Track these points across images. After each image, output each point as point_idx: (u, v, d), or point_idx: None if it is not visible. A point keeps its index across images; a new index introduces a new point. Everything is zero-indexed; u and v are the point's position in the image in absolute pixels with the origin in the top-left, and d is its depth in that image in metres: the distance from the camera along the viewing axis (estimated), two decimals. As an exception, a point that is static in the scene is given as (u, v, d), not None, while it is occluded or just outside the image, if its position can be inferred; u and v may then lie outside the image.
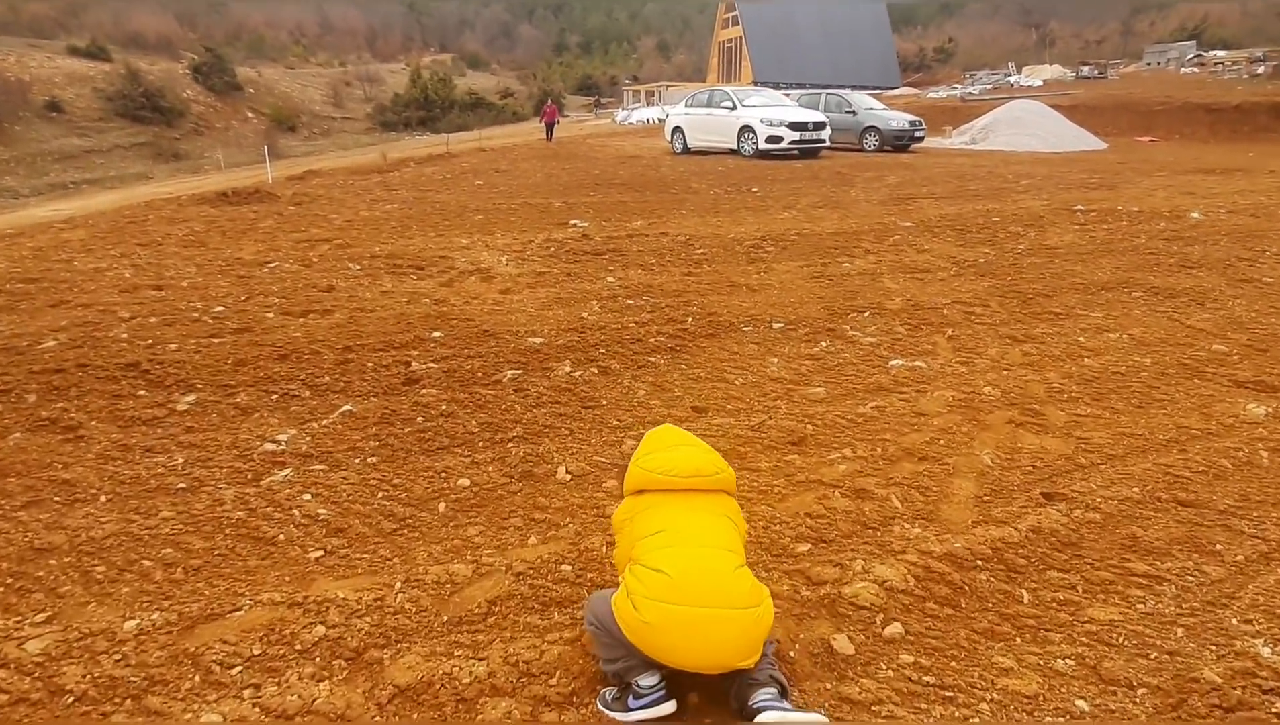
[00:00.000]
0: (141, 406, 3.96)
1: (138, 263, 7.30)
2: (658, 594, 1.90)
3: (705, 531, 2.06)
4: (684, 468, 2.15)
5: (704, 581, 1.93)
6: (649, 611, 1.89)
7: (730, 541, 2.07)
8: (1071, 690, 2.07)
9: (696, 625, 1.87)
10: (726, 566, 1.98)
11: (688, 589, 1.90)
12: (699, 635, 1.87)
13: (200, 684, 2.09)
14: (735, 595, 1.93)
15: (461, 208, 11.20)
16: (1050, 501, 3.09)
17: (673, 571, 1.92)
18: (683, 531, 2.04)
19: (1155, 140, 24.51)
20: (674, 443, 2.26)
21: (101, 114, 47.37)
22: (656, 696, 1.94)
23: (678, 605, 1.88)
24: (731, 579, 1.96)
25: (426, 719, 1.97)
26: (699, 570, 1.95)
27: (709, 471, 2.17)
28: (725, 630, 1.88)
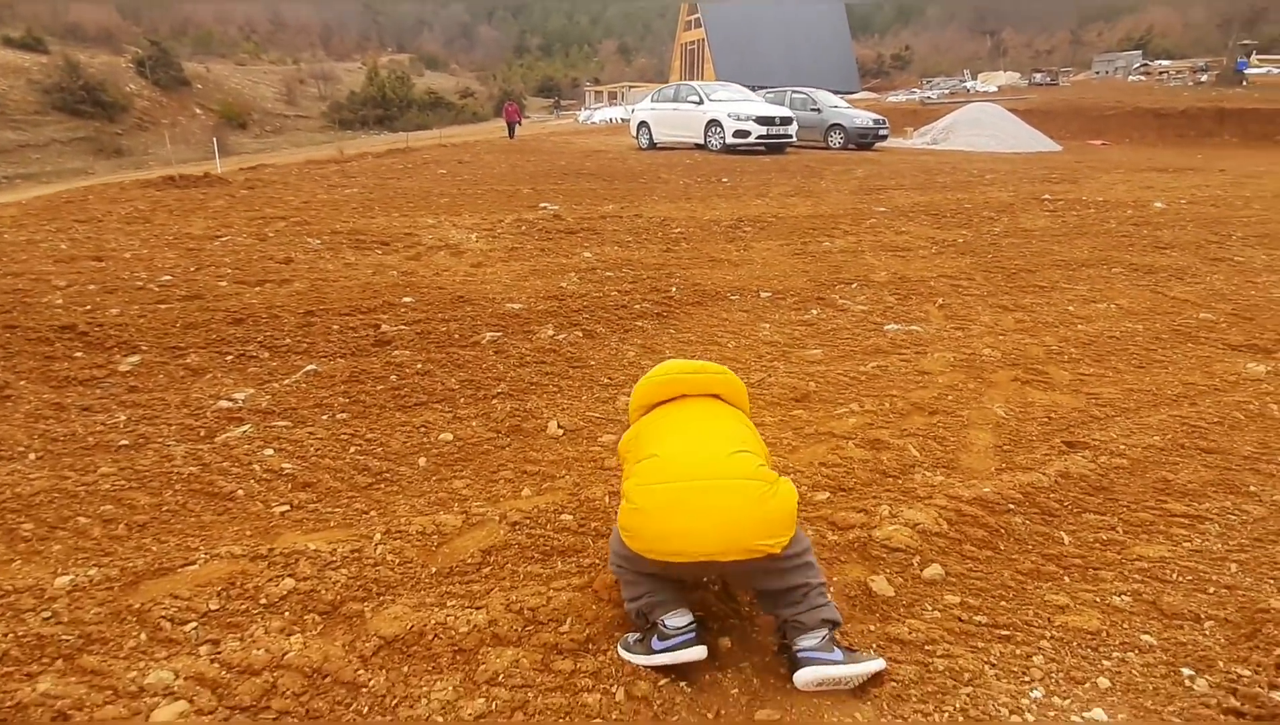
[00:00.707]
0: (78, 367, 3.57)
1: (75, 237, 6.78)
2: (649, 478, 1.71)
3: (706, 423, 1.88)
4: (687, 366, 2.00)
5: (698, 455, 1.74)
6: (641, 497, 1.70)
7: (737, 434, 1.85)
8: (1134, 626, 1.88)
9: (691, 497, 1.66)
10: (725, 448, 1.76)
11: (680, 464, 1.72)
12: (697, 508, 1.65)
13: (147, 641, 1.78)
14: (735, 467, 1.71)
15: (425, 192, 10.81)
16: (1073, 449, 2.93)
17: (663, 452, 1.76)
18: (683, 425, 1.88)
19: (1107, 143, 25.14)
20: (679, 362, 2.11)
21: (38, 107, 45.36)
22: (685, 639, 1.69)
23: (669, 483, 1.68)
24: (730, 456, 1.74)
25: (422, 669, 1.68)
26: (692, 448, 1.77)
27: (713, 369, 1.99)
28: (727, 499, 1.66)
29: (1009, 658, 1.77)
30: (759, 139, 17.23)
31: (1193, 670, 1.71)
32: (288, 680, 1.64)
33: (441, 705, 1.60)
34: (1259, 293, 5.69)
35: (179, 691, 1.61)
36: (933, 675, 1.71)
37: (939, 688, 1.67)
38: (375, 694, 1.63)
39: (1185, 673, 1.71)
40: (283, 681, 1.64)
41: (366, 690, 1.64)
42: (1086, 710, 1.60)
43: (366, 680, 1.66)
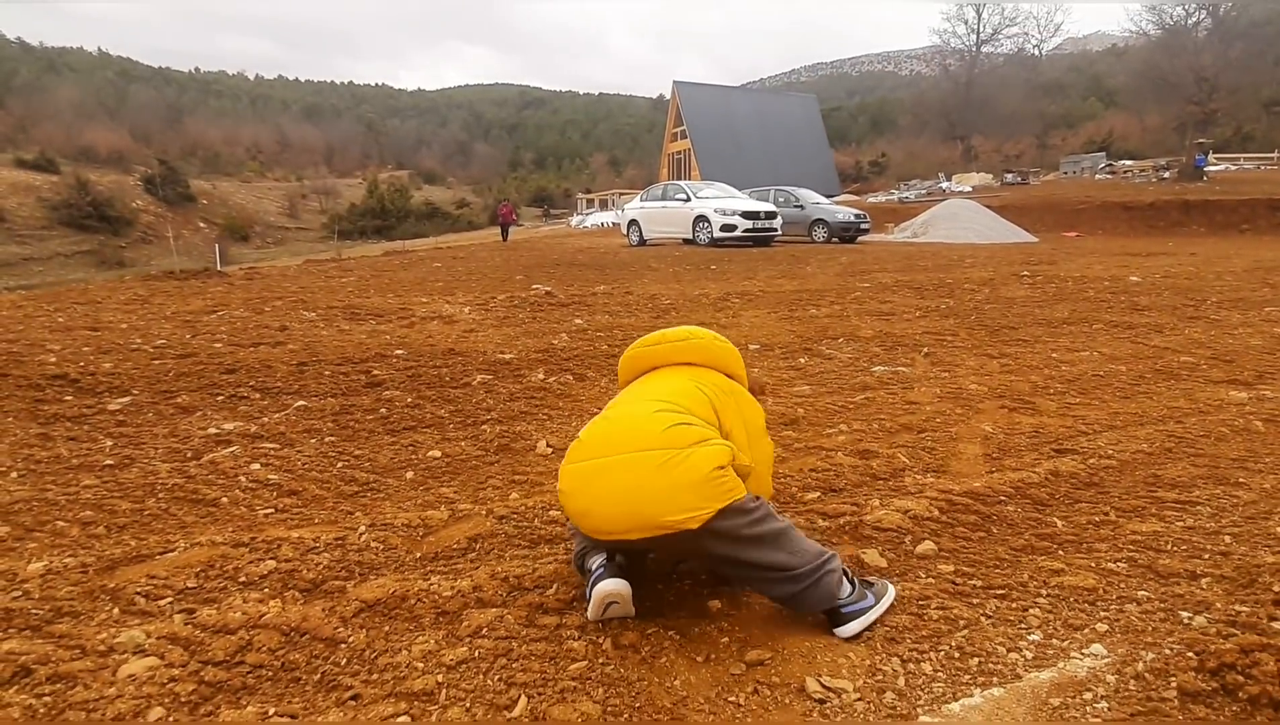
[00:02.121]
0: (67, 408, 3.57)
1: (73, 314, 6.88)
2: (569, 457, 1.71)
3: (644, 392, 1.83)
4: (649, 338, 1.98)
5: (611, 432, 1.69)
6: (562, 477, 1.70)
7: (672, 396, 1.77)
8: (1131, 584, 1.85)
9: (591, 477, 1.63)
10: (643, 413, 1.71)
11: (592, 444, 1.69)
12: (597, 489, 1.62)
13: (119, 614, 1.72)
14: (639, 437, 1.64)
15: (420, 280, 11.06)
16: (1062, 454, 2.93)
17: (585, 431, 1.74)
18: (619, 401, 1.86)
19: (1081, 235, 26.01)
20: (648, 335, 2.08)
21: (45, 222, 46.71)
22: (596, 574, 1.66)
23: (576, 463, 1.68)
24: (643, 423, 1.68)
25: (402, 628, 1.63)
26: (609, 425, 1.72)
27: (675, 336, 1.97)
28: (621, 476, 1.59)
29: (1005, 610, 1.73)
30: (745, 232, 17.82)
31: (1191, 613, 1.68)
32: (264, 638, 1.59)
33: (423, 654, 1.54)
34: (1236, 341, 5.80)
35: (150, 649, 1.55)
36: (927, 623, 1.66)
37: (934, 632, 1.62)
38: (354, 648, 1.58)
39: (1184, 615, 1.67)
40: (259, 639, 1.59)
41: (345, 645, 1.58)
42: (1086, 648, 1.56)
43: (346, 637, 1.61)
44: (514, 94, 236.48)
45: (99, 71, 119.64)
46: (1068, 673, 1.46)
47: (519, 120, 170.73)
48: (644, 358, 1.95)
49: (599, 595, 1.61)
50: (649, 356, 1.95)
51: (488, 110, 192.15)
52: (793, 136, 54.21)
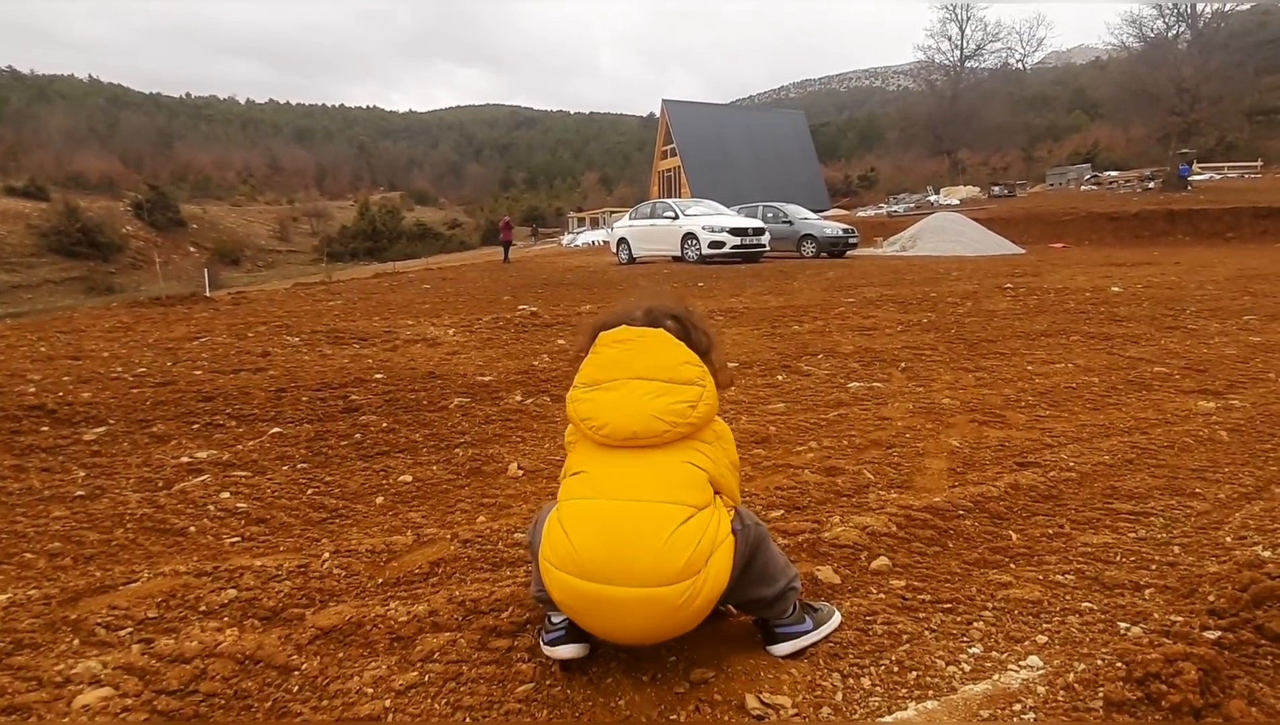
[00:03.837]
0: (43, 438, 3.58)
1: (56, 343, 6.90)
2: (560, 561, 1.52)
3: (636, 479, 1.57)
4: (617, 428, 1.57)
5: (613, 553, 1.48)
6: (553, 581, 1.54)
7: (674, 490, 1.55)
8: (1076, 596, 1.89)
9: (601, 607, 1.48)
10: (654, 527, 1.49)
11: (593, 551, 1.49)
12: (607, 617, 1.49)
13: (79, 645, 1.75)
14: (656, 569, 1.46)
15: (407, 302, 11.11)
16: (1024, 467, 2.97)
17: (576, 538, 1.52)
18: (606, 478, 1.59)
19: (1067, 246, 26.26)
20: (615, 373, 1.64)
21: (34, 250, 46.72)
22: (556, 635, 1.62)
23: (579, 580, 1.49)
24: (656, 548, 1.47)
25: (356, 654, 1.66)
26: (608, 537, 1.50)
27: (653, 431, 1.56)
28: (640, 613, 1.46)
29: (949, 624, 1.76)
30: (734, 249, 17.94)
31: (1129, 623, 1.71)
32: (218, 666, 1.61)
33: (374, 680, 1.57)
34: (1211, 352, 5.87)
35: (105, 679, 1.57)
36: (871, 638, 1.70)
37: (876, 647, 1.66)
38: (307, 675, 1.60)
39: (1122, 626, 1.71)
40: (213, 667, 1.61)
41: (299, 673, 1.61)
42: (1023, 660, 1.59)
43: (299, 664, 1.63)
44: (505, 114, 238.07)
45: (89, 98, 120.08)
46: (1001, 685, 1.50)
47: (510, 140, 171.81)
48: (611, 444, 1.62)
49: (557, 657, 1.62)
50: (616, 445, 1.61)
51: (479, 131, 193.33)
52: (782, 153, 54.72)
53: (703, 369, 1.68)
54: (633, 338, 1.67)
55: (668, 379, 1.62)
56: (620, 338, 1.68)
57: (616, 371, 1.64)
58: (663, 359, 1.65)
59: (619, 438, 1.58)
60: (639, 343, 1.66)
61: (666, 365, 1.64)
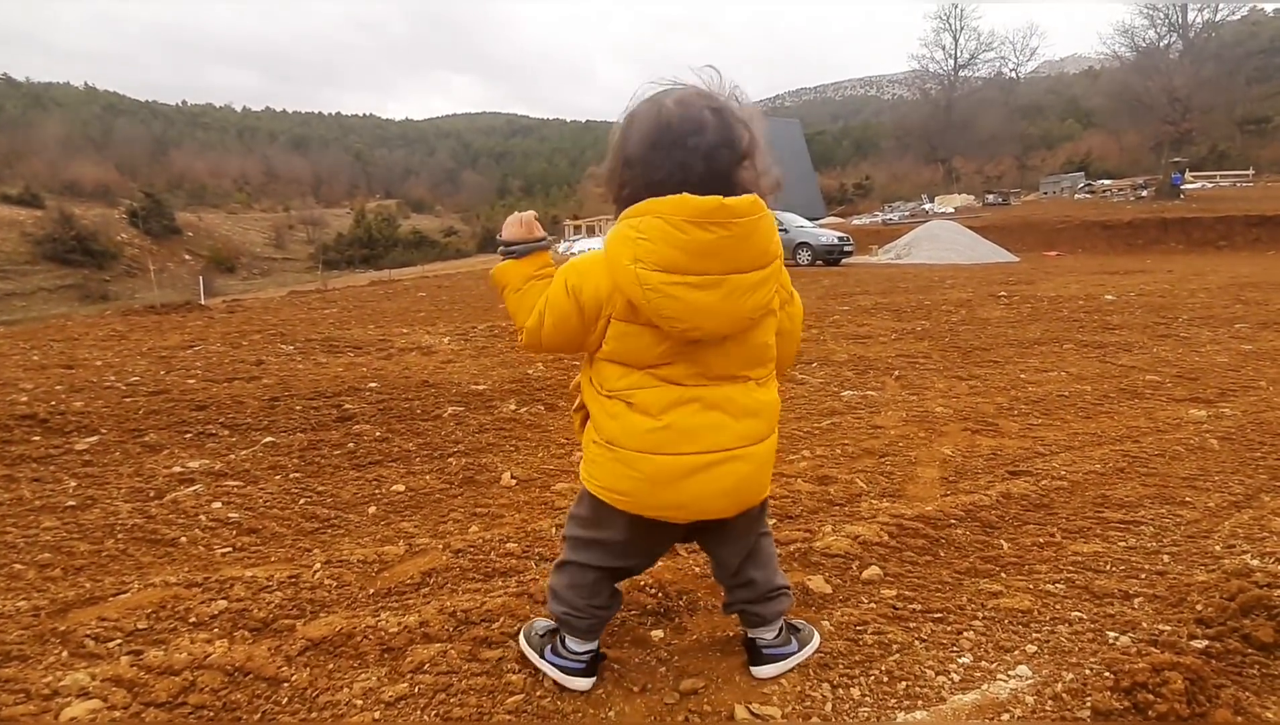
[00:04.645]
0: (34, 448, 3.57)
1: (49, 352, 6.88)
2: (646, 444, 1.43)
3: (736, 357, 1.46)
4: (711, 332, 1.38)
5: (721, 426, 1.44)
6: (635, 468, 1.45)
7: (763, 349, 1.50)
8: (1066, 606, 1.89)
9: (699, 472, 1.43)
10: (748, 399, 1.48)
11: (693, 437, 1.43)
12: (703, 483, 1.43)
13: (68, 657, 1.74)
14: (755, 427, 1.49)
15: (402, 310, 11.12)
16: (1016, 477, 2.98)
17: (671, 419, 1.43)
18: (711, 362, 1.44)
19: (1061, 254, 26.41)
20: (710, 265, 1.32)
21: (28, 257, 46.62)
22: (576, 666, 1.59)
23: (678, 455, 1.42)
24: (753, 406, 1.48)
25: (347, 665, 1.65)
26: (716, 416, 1.44)
27: (744, 328, 1.41)
28: (738, 468, 1.45)
29: (939, 634, 1.77)
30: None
31: (1118, 633, 1.72)
32: (207, 678, 1.61)
33: (363, 691, 1.57)
34: (1203, 359, 5.90)
35: (93, 692, 1.57)
36: (861, 648, 1.70)
37: (866, 657, 1.66)
38: (296, 687, 1.60)
39: (1111, 635, 1.71)
40: (202, 679, 1.60)
41: (288, 685, 1.60)
42: (1012, 670, 1.60)
43: (289, 676, 1.63)
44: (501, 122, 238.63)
45: (85, 106, 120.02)
46: (990, 694, 1.50)
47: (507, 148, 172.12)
48: (716, 254, 1.32)
49: (574, 688, 1.58)
50: (723, 254, 1.33)
51: (475, 139, 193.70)
52: (777, 161, 54.94)
53: (775, 228, 1.41)
54: (737, 224, 1.31)
55: (763, 265, 1.37)
56: (718, 218, 1.29)
57: (712, 263, 1.32)
58: (762, 243, 1.36)
59: (712, 339, 1.40)
60: (743, 229, 1.32)
61: (765, 249, 1.37)
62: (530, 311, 1.57)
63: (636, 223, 1.33)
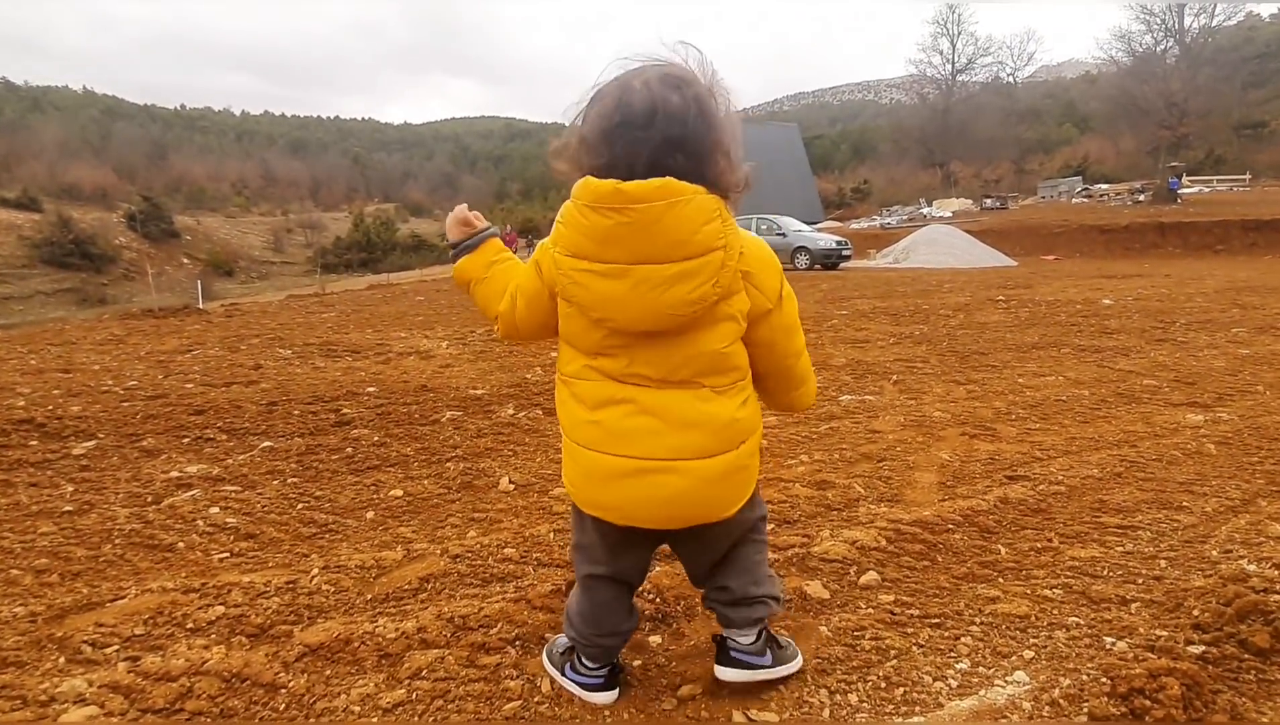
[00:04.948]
0: (31, 453, 3.57)
1: (46, 356, 6.88)
2: (585, 440, 1.42)
3: (678, 359, 1.37)
4: (625, 325, 1.32)
5: (656, 431, 1.37)
6: (577, 473, 1.45)
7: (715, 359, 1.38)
8: (1063, 611, 1.90)
9: (630, 479, 1.37)
10: (693, 406, 1.37)
11: (626, 441, 1.38)
12: (635, 491, 1.38)
13: (65, 663, 1.74)
14: (699, 441, 1.37)
15: (401, 314, 11.12)
16: (1014, 481, 2.99)
17: (603, 417, 1.39)
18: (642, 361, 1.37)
19: (1058, 258, 26.44)
20: (613, 253, 1.28)
21: (26, 261, 46.53)
22: (594, 682, 1.58)
23: (609, 454, 1.38)
24: (696, 417, 1.37)
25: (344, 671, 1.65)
26: (650, 421, 1.37)
27: (671, 324, 1.31)
28: (677, 484, 1.37)
29: (937, 639, 1.77)
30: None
31: (1115, 638, 1.72)
32: (204, 684, 1.61)
33: (360, 698, 1.56)
34: (1200, 364, 5.91)
35: (90, 698, 1.57)
36: (859, 653, 1.70)
37: (864, 663, 1.66)
38: (294, 693, 1.59)
39: (1108, 640, 1.72)
40: (199, 686, 1.60)
41: (285, 690, 1.60)
42: (1010, 675, 1.60)
43: (286, 682, 1.63)
44: (500, 126, 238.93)
45: (84, 109, 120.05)
46: (988, 700, 1.50)
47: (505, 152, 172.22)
48: (617, 240, 1.26)
49: (595, 703, 1.56)
50: (625, 242, 1.26)
51: (474, 142, 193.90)
52: (776, 166, 54.99)
53: (723, 218, 1.28)
54: (634, 210, 1.23)
55: (684, 257, 1.26)
56: (614, 204, 1.23)
57: (615, 251, 1.26)
58: (676, 232, 1.24)
59: (628, 332, 1.33)
60: (643, 217, 1.23)
61: (680, 239, 1.25)
62: (501, 295, 1.55)
63: (561, 208, 1.34)
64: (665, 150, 1.26)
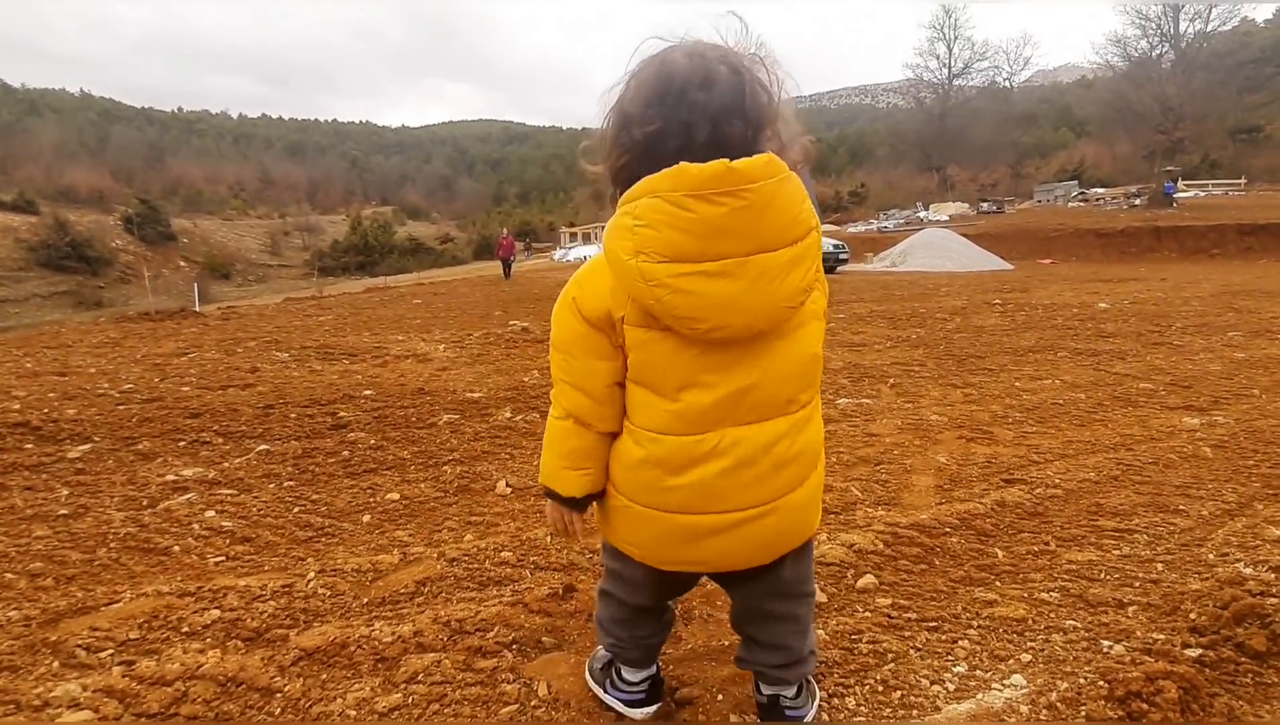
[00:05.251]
0: (26, 456, 3.55)
1: (42, 359, 6.86)
2: (655, 501, 1.25)
3: (765, 391, 1.20)
4: (739, 329, 1.13)
5: (744, 479, 1.20)
6: (647, 533, 1.30)
7: (806, 374, 1.24)
8: (1060, 614, 1.90)
9: (723, 533, 1.23)
10: (784, 442, 1.21)
11: (716, 495, 1.21)
12: (727, 544, 1.24)
13: (59, 667, 1.73)
14: (787, 477, 1.23)
15: (398, 317, 11.11)
16: (1011, 484, 2.99)
17: (694, 476, 1.21)
18: (728, 401, 1.19)
19: (1055, 261, 26.49)
20: (727, 246, 1.08)
21: (22, 263, 46.44)
22: (637, 697, 1.51)
23: (697, 515, 1.23)
24: (786, 452, 1.21)
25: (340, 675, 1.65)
26: (740, 472, 1.20)
27: (781, 318, 1.16)
28: (766, 525, 1.23)
29: (934, 642, 1.77)
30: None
31: (1112, 641, 1.72)
32: (200, 689, 1.60)
33: (357, 702, 1.56)
34: (1196, 367, 5.92)
35: (85, 702, 1.56)
36: (856, 656, 1.70)
37: (861, 666, 1.66)
38: (290, 698, 1.59)
39: (1105, 644, 1.72)
40: (194, 690, 1.60)
41: (281, 695, 1.60)
42: (1007, 679, 1.60)
43: (282, 686, 1.62)
44: (498, 129, 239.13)
45: (81, 112, 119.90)
46: (985, 704, 1.50)
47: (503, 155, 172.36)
48: (732, 231, 1.08)
49: (638, 718, 1.49)
50: (740, 231, 1.08)
51: (472, 146, 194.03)
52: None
53: (804, 193, 1.15)
54: (750, 191, 1.06)
55: (794, 239, 1.12)
56: (726, 186, 1.05)
57: (728, 244, 1.07)
58: (788, 212, 1.10)
59: (742, 337, 1.14)
60: (760, 196, 1.07)
61: (790, 219, 1.11)
62: (554, 401, 1.38)
63: (633, 208, 1.10)
64: (724, 117, 1.11)
